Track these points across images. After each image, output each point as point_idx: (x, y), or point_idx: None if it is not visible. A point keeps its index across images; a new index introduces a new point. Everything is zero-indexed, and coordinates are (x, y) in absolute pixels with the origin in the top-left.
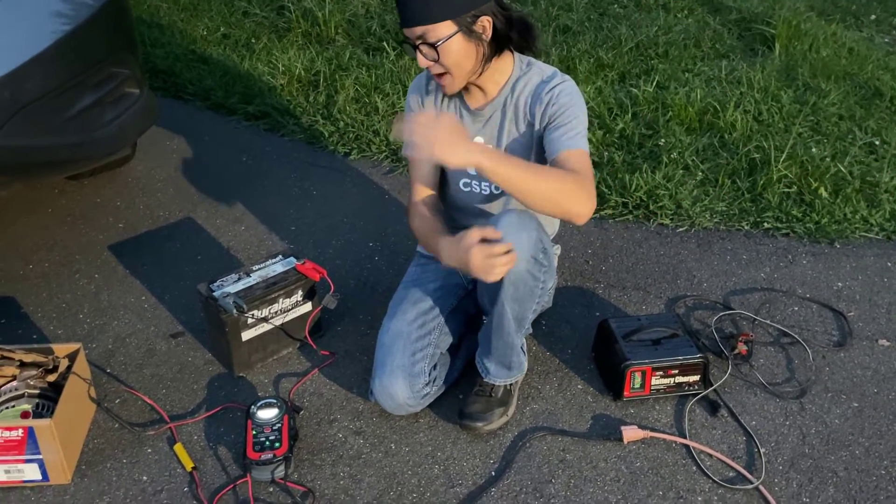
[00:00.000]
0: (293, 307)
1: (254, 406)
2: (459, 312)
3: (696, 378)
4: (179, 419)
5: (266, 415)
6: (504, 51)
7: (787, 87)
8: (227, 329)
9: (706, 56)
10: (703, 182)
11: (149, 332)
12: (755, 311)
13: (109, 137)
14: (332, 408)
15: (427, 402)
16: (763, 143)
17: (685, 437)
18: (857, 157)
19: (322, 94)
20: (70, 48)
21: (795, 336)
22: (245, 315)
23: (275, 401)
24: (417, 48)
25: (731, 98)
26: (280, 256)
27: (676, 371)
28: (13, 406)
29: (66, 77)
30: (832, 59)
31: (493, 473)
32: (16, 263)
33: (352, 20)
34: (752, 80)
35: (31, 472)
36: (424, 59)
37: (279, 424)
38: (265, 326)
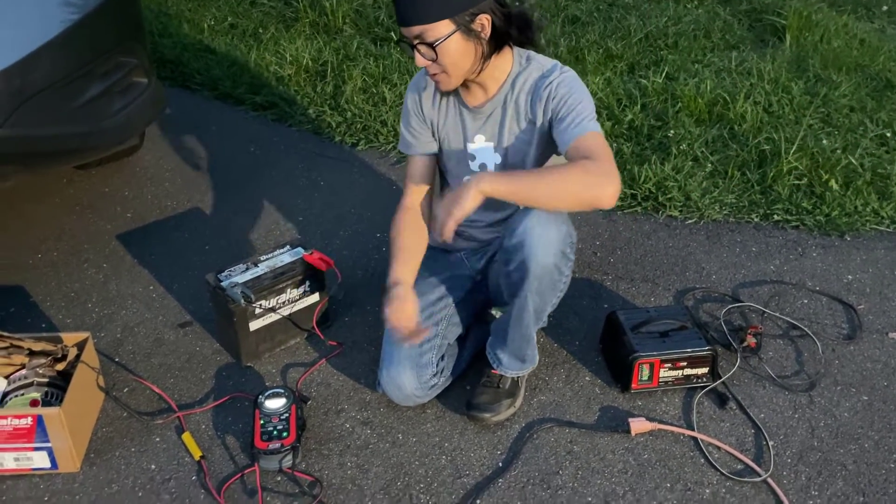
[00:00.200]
0: (301, 297)
1: (262, 396)
2: (467, 303)
3: (705, 371)
4: (187, 408)
5: (274, 404)
6: (503, 48)
7: (798, 79)
8: (235, 319)
9: (716, 47)
10: (713, 174)
11: (157, 322)
12: (764, 304)
13: (117, 127)
14: (340, 398)
15: (435, 394)
16: (773, 135)
17: (693, 430)
18: (869, 150)
19: (330, 85)
20: (78, 37)
21: (805, 329)
22: (253, 305)
23: (282, 390)
24: (415, 47)
25: (741, 89)
26: (288, 246)
27: (685, 363)
28: (22, 394)
29: (75, 66)
30: (843, 51)
31: (501, 464)
32: (24, 253)
33: (359, 10)
34: (763, 72)
35: (41, 460)
36: (422, 59)
37: (287, 414)
38: (273, 316)
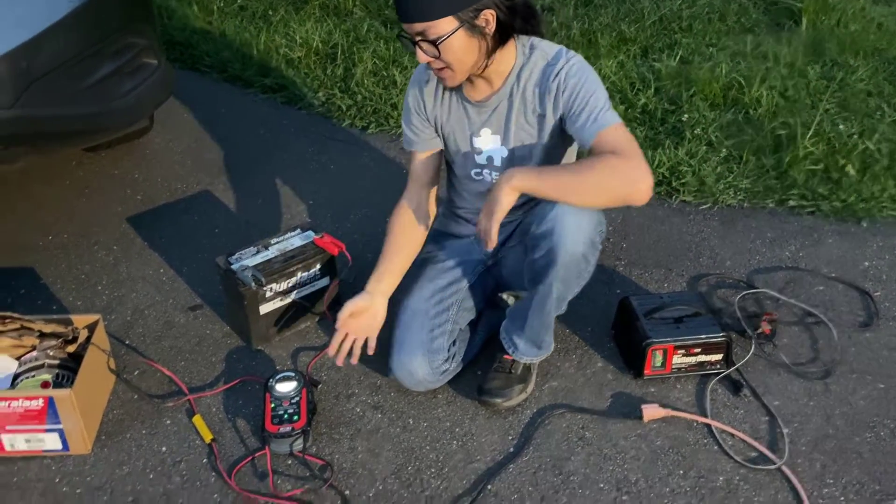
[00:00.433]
0: (311, 281)
1: (272, 379)
2: (478, 288)
3: (719, 357)
4: (198, 391)
5: (284, 388)
6: (508, 41)
7: (814, 63)
8: (246, 302)
9: (731, 30)
10: (727, 158)
11: (167, 305)
12: (779, 290)
13: (127, 108)
14: (350, 382)
15: (446, 379)
16: (789, 120)
17: (707, 417)
18: (886, 135)
19: (340, 67)
20: (87, 17)
21: (820, 316)
22: (263, 288)
23: (293, 374)
24: (417, 44)
25: (757, 73)
26: (298, 230)
27: (699, 350)
28: (33, 376)
29: (84, 46)
30: (860, 35)
31: (512, 450)
32: (35, 235)
33: None
34: (778, 56)
35: (52, 442)
36: (424, 56)
37: (297, 398)
38: (283, 300)
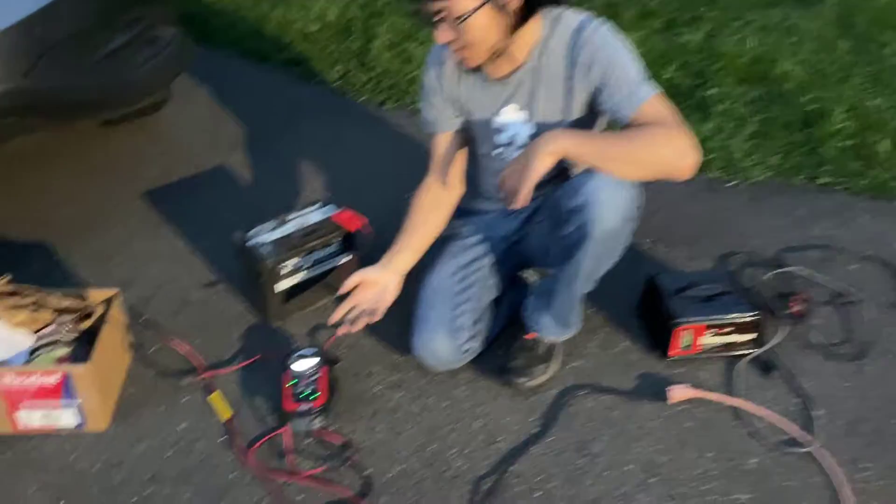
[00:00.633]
0: (330, 257)
1: (291, 356)
2: (501, 266)
3: (750, 338)
4: (215, 368)
5: (303, 366)
6: (533, 15)
7: (843, 37)
8: (263, 278)
9: (757, 4)
10: (756, 134)
11: (183, 281)
12: (810, 270)
13: (143, 79)
14: (370, 360)
15: (469, 358)
16: (819, 95)
17: (736, 398)
18: None
19: (356, 41)
20: None
21: (853, 295)
22: (281, 265)
23: (312, 351)
24: (436, 23)
25: (785, 47)
26: (318, 204)
27: (730, 329)
28: (50, 351)
29: (98, 15)
30: (890, 8)
31: (536, 430)
32: (49, 209)
33: None
34: (807, 29)
35: (68, 419)
36: (444, 35)
37: (317, 375)
38: (301, 276)
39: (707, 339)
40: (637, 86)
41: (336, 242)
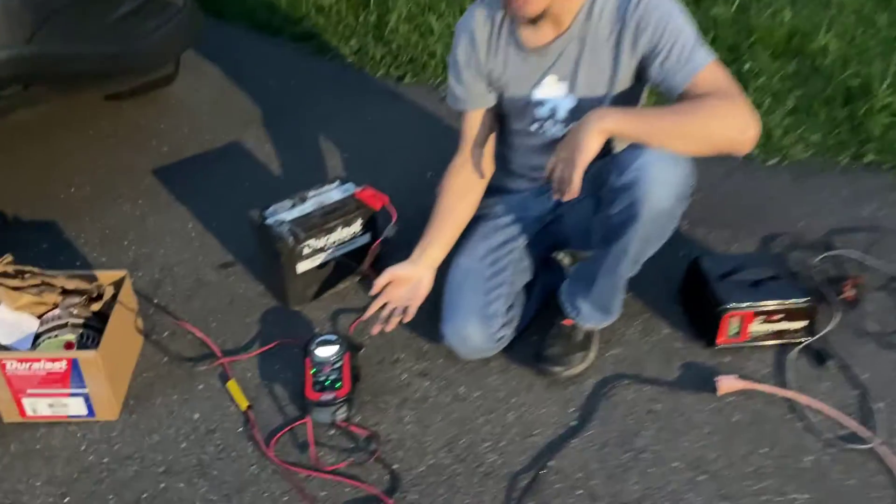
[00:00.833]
0: (352, 238)
1: (312, 343)
2: (535, 247)
3: (802, 325)
4: (232, 354)
5: (325, 352)
6: None
7: (883, 10)
8: (283, 259)
9: None
10: (795, 111)
11: (197, 262)
12: (861, 253)
13: (151, 49)
14: (395, 347)
15: (502, 346)
16: (860, 70)
17: (790, 390)
18: None
19: (373, 14)
20: None
21: None
22: (302, 245)
23: (335, 337)
24: None
25: (822, 21)
26: (338, 181)
27: (781, 316)
28: (56, 336)
29: None
30: None
31: (574, 423)
32: (57, 186)
33: None
34: (843, 2)
35: (77, 407)
36: None
37: (340, 363)
38: (322, 257)
39: (756, 327)
40: (692, 52)
41: (359, 221)
